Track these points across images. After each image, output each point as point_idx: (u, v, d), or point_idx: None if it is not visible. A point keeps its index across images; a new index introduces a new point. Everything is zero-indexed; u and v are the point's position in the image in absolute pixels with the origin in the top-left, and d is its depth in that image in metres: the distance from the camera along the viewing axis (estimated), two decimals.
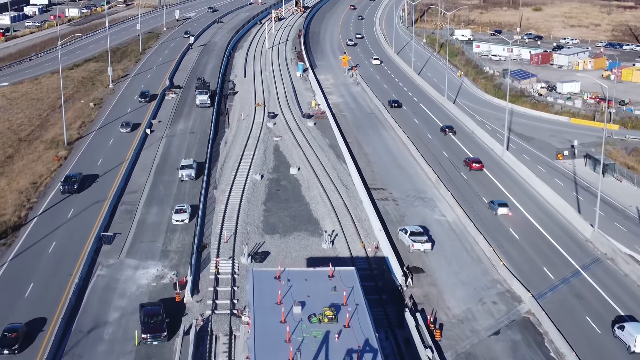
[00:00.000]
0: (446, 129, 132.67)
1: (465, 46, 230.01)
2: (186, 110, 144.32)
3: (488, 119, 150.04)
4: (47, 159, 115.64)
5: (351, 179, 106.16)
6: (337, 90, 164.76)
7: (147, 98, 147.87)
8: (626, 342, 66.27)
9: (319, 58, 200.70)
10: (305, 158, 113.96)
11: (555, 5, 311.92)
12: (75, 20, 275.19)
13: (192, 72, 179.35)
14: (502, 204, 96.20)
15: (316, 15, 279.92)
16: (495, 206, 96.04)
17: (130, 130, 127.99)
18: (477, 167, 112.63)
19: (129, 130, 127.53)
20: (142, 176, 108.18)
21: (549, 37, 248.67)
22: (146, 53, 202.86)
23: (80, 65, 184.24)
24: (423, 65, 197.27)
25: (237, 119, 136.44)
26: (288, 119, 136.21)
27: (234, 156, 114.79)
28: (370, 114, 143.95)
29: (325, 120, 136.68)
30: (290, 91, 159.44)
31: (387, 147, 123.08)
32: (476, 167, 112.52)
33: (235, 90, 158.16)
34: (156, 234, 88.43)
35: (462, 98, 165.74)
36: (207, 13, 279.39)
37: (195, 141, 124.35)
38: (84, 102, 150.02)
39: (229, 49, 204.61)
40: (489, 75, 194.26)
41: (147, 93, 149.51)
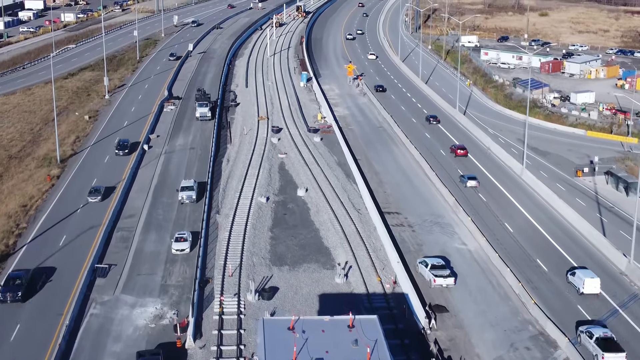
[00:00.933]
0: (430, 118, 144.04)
1: (472, 53, 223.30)
2: (186, 123, 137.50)
3: (501, 131, 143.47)
4: (38, 178, 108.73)
5: (363, 201, 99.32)
6: (342, 101, 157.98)
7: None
8: (576, 285, 76.99)
9: (323, 66, 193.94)
10: (313, 178, 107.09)
11: (562, 10, 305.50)
12: (71, 26, 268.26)
13: (191, 81, 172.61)
14: (472, 177, 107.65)
15: (318, 21, 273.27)
16: (465, 179, 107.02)
17: (101, 199, 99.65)
18: (462, 153, 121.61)
19: (99, 199, 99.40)
20: (140, 198, 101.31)
21: (557, 43, 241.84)
22: (144, 61, 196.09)
23: (75, 74, 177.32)
24: (430, 73, 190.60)
25: (239, 134, 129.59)
26: (293, 134, 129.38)
27: (237, 176, 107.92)
28: (379, 128, 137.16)
29: (332, 135, 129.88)
30: (295, 103, 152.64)
31: (399, 165, 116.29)
32: (461, 154, 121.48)
33: (237, 102, 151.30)
34: (155, 266, 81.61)
35: (472, 109, 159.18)
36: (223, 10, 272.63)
37: (196, 158, 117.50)
38: (78, 114, 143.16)
39: (230, 57, 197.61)
40: (499, 84, 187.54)
41: None
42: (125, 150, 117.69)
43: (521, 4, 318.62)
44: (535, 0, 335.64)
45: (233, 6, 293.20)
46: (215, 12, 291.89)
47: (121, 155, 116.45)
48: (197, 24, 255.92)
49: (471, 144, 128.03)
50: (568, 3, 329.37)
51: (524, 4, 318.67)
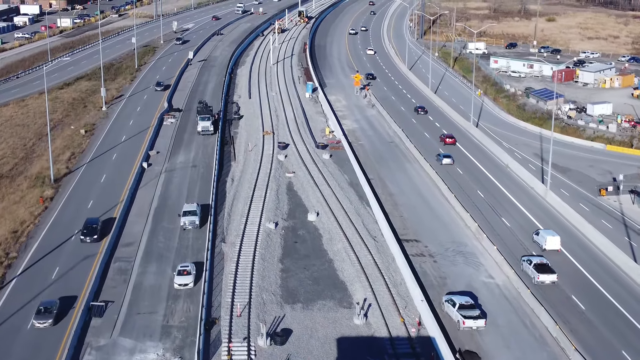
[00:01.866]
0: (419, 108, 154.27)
1: (481, 61, 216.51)
2: (187, 138, 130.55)
3: (516, 145, 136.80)
4: (30, 200, 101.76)
5: (378, 227, 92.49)
6: (350, 113, 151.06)
7: None
8: (540, 243, 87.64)
9: (328, 75, 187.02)
10: (324, 200, 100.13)
11: (569, 15, 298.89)
12: (67, 32, 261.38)
13: (191, 92, 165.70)
14: (446, 156, 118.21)
15: (321, 27, 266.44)
16: (441, 157, 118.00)
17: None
18: (450, 141, 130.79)
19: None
20: (139, 223, 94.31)
21: (567, 50, 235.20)
22: (142, 69, 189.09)
23: (71, 84, 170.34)
24: (439, 82, 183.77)
25: (244, 150, 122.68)
26: (300, 150, 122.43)
27: (243, 198, 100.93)
28: (390, 143, 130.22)
29: (342, 151, 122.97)
30: (301, 115, 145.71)
31: (414, 185, 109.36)
32: (450, 142, 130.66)
33: (240, 115, 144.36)
34: (155, 303, 74.66)
35: (485, 121, 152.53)
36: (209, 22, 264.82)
37: (198, 177, 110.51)
38: (74, 128, 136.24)
39: (231, 65, 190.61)
40: (510, 94, 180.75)
41: None
42: (94, 236, 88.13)
43: (527, 9, 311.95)
44: (541, 5, 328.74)
45: (218, 18, 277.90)
46: (223, 15, 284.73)
47: (88, 242, 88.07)
48: (182, 42, 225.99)
49: (488, 161, 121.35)
50: (575, 8, 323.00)
51: (530, 9, 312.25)
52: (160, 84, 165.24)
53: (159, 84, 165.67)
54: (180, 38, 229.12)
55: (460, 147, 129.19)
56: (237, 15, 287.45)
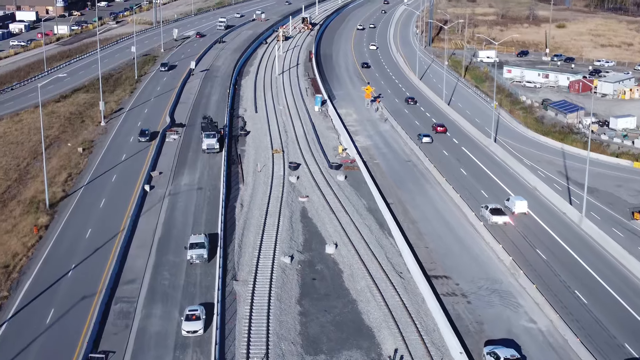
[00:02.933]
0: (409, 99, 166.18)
1: (493, 70, 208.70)
2: (191, 157, 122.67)
3: (538, 162, 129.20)
4: (24, 229, 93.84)
5: (403, 260, 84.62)
6: (363, 128, 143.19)
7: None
8: (510, 207, 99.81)
9: (336, 86, 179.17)
10: (342, 229, 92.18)
11: (579, 21, 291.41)
12: (64, 39, 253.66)
13: (194, 105, 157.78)
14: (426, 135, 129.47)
15: (325, 34, 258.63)
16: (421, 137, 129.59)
17: None
18: (442, 130, 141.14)
19: None
20: (141, 256, 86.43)
21: (580, 58, 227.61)
22: (142, 80, 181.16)
23: (68, 96, 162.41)
24: (451, 93, 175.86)
25: (252, 170, 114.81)
26: (313, 171, 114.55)
27: (254, 226, 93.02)
28: (408, 162, 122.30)
29: (357, 172, 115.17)
30: (311, 131, 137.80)
31: (437, 210, 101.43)
32: (441, 130, 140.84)
33: (247, 130, 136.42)
34: (162, 354, 66.89)
35: (503, 135, 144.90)
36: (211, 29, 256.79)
37: (205, 202, 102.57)
38: (71, 145, 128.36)
39: (235, 76, 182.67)
40: (527, 106, 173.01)
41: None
42: None
43: (536, 14, 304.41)
44: (549, 11, 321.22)
45: (202, 35, 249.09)
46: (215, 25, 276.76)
47: None
48: (168, 67, 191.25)
49: (514, 183, 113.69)
50: (584, 14, 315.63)
51: (538, 15, 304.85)
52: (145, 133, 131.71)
53: (144, 132, 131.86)
54: (166, 63, 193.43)
55: (482, 165, 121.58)
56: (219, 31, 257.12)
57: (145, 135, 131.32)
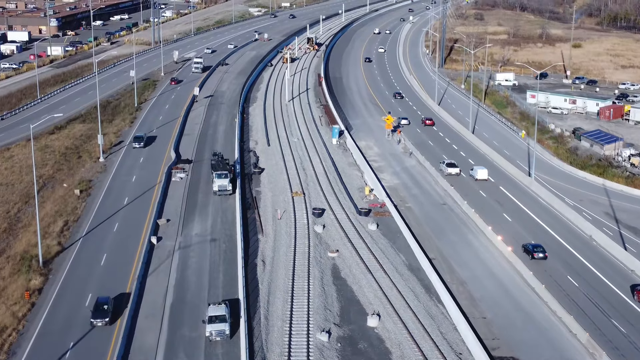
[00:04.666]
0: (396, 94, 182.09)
1: (514, 94, 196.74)
2: (201, 200, 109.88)
3: (581, 201, 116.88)
4: (14, 294, 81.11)
5: (459, 335, 71.54)
6: (387, 163, 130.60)
7: None
8: (473, 175, 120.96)
9: (351, 114, 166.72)
10: (383, 294, 79.60)
11: (594, 41, 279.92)
12: (58, 61, 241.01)
13: (200, 136, 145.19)
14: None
15: (332, 55, 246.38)
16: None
17: None
18: (429, 123, 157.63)
19: None
20: (151, 329, 73.82)
21: (603, 80, 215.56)
22: (143, 108, 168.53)
23: (63, 127, 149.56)
24: (474, 121, 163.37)
25: (271, 217, 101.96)
26: (340, 218, 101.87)
27: (281, 291, 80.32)
28: (443, 205, 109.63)
29: (389, 217, 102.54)
30: (330, 167, 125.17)
31: (487, 267, 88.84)
32: (429, 124, 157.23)
33: (260, 168, 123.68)
34: None
35: (536, 169, 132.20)
36: (208, 54, 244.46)
37: (220, 257, 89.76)
38: (67, 186, 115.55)
39: (242, 103, 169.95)
40: (557, 135, 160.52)
41: None
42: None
43: (548, 33, 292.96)
44: (562, 30, 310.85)
45: (179, 80, 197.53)
46: (218, 45, 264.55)
47: None
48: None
49: (564, 229, 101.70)
50: (598, 33, 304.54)
51: (551, 34, 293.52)
52: None
53: None
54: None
55: (527, 210, 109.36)
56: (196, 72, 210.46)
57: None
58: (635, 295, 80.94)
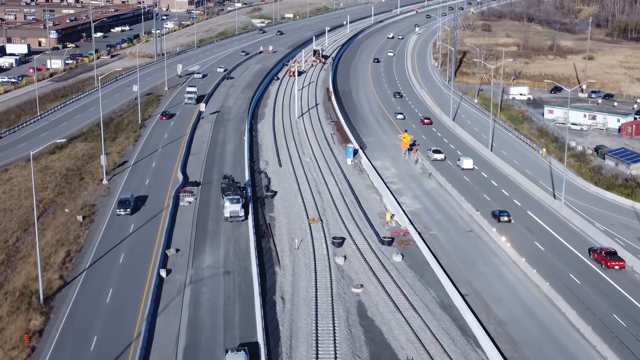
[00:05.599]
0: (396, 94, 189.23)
1: (530, 109, 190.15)
2: (211, 227, 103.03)
3: (612, 226, 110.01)
4: (12, 336, 74.41)
5: None
6: (406, 186, 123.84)
7: None
8: (459, 164, 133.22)
9: (364, 131, 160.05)
10: (416, 337, 73.00)
11: (606, 52, 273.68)
12: (58, 75, 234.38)
13: (208, 156, 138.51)
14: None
15: (340, 68, 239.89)
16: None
17: None
18: (427, 122, 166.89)
19: None
20: None
21: (620, 94, 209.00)
22: (147, 125, 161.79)
23: (64, 147, 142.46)
24: (491, 138, 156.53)
25: (288, 247, 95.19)
26: (362, 248, 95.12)
27: (304, 333, 73.63)
28: (470, 233, 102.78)
29: (414, 247, 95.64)
30: (347, 190, 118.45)
31: (525, 305, 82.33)
32: (427, 122, 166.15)
33: (273, 191, 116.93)
34: None
35: (560, 190, 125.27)
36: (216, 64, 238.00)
37: (235, 292, 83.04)
38: (69, 211, 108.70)
39: (249, 119, 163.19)
40: (578, 153, 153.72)
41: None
42: None
43: (559, 45, 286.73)
44: (572, 41, 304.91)
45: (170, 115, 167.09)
46: (222, 58, 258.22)
47: None
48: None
49: None
50: (609, 44, 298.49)
51: (561, 45, 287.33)
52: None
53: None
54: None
55: (560, 237, 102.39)
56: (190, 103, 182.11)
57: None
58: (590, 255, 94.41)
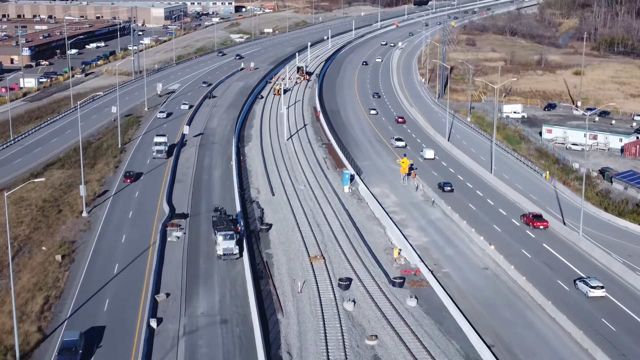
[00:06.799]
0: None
1: (526, 128, 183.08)
2: (203, 266, 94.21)
3: (630, 257, 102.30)
4: None
5: None
6: (409, 215, 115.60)
7: None
8: (421, 155, 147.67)
9: (357, 155, 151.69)
10: None
11: (595, 67, 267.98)
12: (32, 94, 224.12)
13: (194, 184, 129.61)
14: None
15: (325, 85, 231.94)
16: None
17: None
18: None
19: None
20: None
21: (616, 111, 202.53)
22: (127, 149, 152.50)
23: (40, 174, 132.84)
24: (491, 160, 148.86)
25: (290, 290, 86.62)
26: (371, 290, 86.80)
27: None
28: (486, 271, 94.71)
29: (428, 288, 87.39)
30: (348, 222, 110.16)
31: (559, 356, 73.10)
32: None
33: (268, 223, 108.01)
34: None
35: (570, 217, 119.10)
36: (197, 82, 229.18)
37: (235, 346, 74.59)
38: (46, 249, 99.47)
39: (236, 143, 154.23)
40: (582, 175, 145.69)
41: None
42: None
43: (547, 60, 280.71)
44: (559, 55, 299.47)
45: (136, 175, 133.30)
46: (203, 75, 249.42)
47: None
48: None
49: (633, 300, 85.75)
50: (597, 58, 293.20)
51: (548, 60, 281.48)
52: None
53: None
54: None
55: (583, 275, 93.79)
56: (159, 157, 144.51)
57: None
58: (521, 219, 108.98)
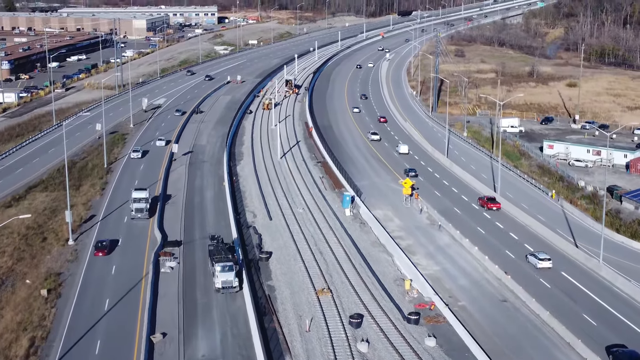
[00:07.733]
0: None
1: (526, 144, 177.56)
2: (201, 300, 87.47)
3: None
4: None
5: None
6: (416, 241, 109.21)
7: None
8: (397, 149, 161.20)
9: (355, 174, 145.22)
10: None
11: (588, 78, 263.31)
12: (12, 110, 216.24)
13: (186, 207, 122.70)
14: None
15: (315, 99, 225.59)
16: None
17: None
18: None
19: None
20: None
21: (614, 125, 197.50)
22: (114, 170, 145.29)
23: (22, 198, 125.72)
24: (492, 178, 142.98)
25: (296, 328, 79.90)
26: (384, 327, 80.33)
27: None
28: (505, 303, 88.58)
29: (445, 325, 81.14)
30: (352, 249, 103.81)
31: None
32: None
33: (267, 251, 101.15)
34: None
35: (581, 239, 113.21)
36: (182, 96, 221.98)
37: None
38: (30, 283, 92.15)
39: (227, 161, 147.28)
40: (589, 194, 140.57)
41: None
42: None
43: (538, 71, 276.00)
44: (551, 67, 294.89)
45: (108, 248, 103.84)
46: (189, 89, 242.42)
47: None
48: None
49: None
50: (589, 70, 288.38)
51: (540, 71, 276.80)
52: None
53: None
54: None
55: (607, 306, 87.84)
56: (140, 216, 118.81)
57: None
58: None
